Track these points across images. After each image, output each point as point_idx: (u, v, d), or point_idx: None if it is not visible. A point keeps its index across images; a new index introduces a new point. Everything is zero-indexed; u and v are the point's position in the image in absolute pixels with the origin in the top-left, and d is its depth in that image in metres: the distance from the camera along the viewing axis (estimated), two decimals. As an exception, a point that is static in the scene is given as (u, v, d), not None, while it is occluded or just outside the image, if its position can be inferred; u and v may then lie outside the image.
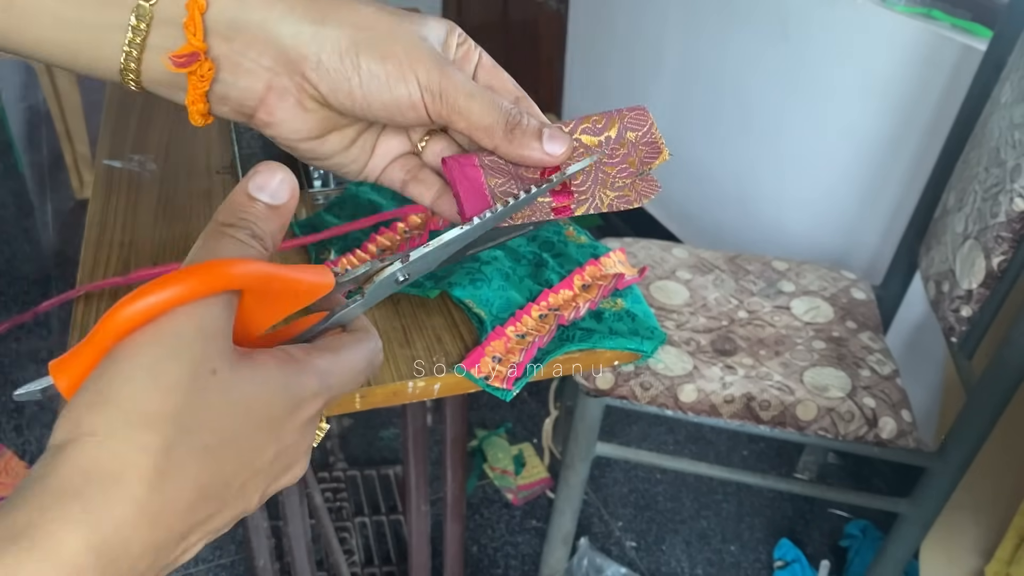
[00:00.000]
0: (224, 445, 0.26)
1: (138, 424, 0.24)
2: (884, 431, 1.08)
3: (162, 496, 0.24)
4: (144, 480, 0.24)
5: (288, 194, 0.31)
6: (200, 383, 0.25)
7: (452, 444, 0.83)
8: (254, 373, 0.27)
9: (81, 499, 0.23)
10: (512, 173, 0.40)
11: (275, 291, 0.30)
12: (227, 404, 0.26)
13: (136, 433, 0.24)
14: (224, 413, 0.26)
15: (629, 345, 0.70)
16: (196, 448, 0.25)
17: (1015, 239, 0.95)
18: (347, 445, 1.61)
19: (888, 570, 1.20)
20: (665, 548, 1.47)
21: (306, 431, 0.30)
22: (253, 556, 0.82)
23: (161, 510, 0.24)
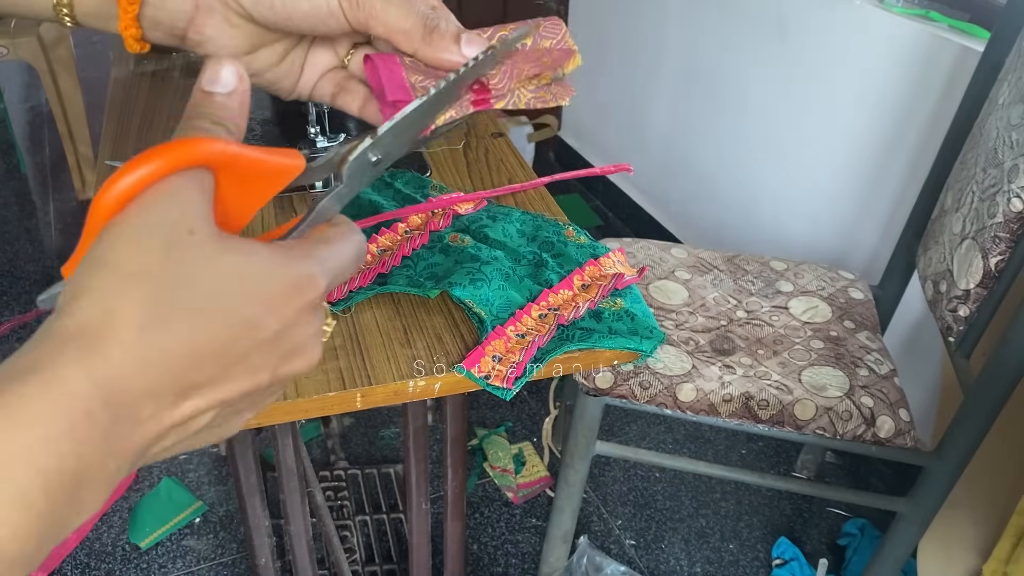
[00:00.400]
0: (213, 307, 0.27)
1: (124, 280, 0.26)
2: (882, 430, 1.09)
3: (151, 345, 0.25)
4: (133, 328, 0.25)
5: (236, 79, 0.32)
6: (178, 242, 0.27)
7: (452, 443, 0.84)
8: (243, 251, 0.28)
9: (78, 343, 0.25)
10: (432, 74, 0.42)
11: (246, 173, 0.30)
12: (212, 267, 0.27)
13: (124, 287, 0.26)
14: (209, 275, 0.27)
15: (628, 345, 0.70)
16: (181, 303, 0.26)
17: (1012, 239, 0.96)
18: (348, 444, 1.62)
19: (886, 569, 1.20)
20: (664, 546, 1.48)
21: (313, 315, 0.31)
22: (254, 554, 0.82)
23: (152, 358, 0.25)
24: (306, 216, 0.34)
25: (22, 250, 2.18)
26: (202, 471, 1.55)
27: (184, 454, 1.58)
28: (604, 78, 2.35)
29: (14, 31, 2.11)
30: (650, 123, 2.21)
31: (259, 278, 0.28)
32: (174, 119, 1.05)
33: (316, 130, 0.93)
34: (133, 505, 1.48)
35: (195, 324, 0.26)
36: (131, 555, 1.40)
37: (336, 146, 0.36)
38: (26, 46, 2.11)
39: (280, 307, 0.29)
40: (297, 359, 0.31)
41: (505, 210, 0.88)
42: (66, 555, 1.39)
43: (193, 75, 1.18)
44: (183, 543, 1.42)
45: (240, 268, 0.28)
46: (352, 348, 0.69)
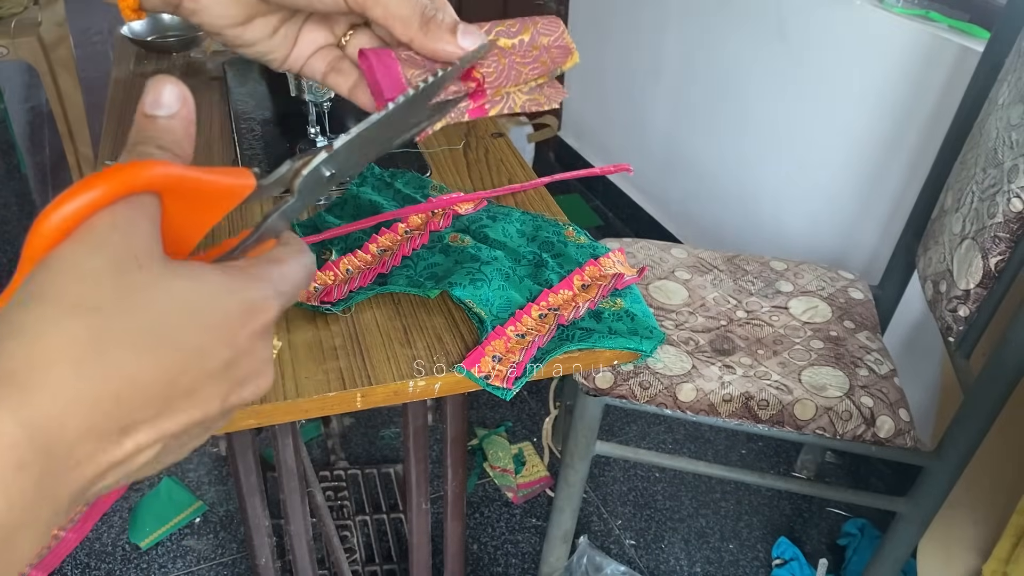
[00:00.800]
0: (161, 340, 0.25)
1: (64, 312, 0.24)
2: (882, 430, 1.09)
3: (92, 382, 0.24)
4: (73, 364, 0.24)
5: (179, 102, 0.31)
6: (124, 274, 0.25)
7: (452, 443, 0.84)
8: (193, 276, 0.27)
9: (13, 383, 0.23)
10: (428, 68, 0.41)
11: (193, 194, 0.29)
12: (159, 295, 0.26)
13: (63, 320, 0.24)
14: (157, 304, 0.26)
15: (628, 345, 0.70)
16: (126, 335, 0.25)
17: (1012, 239, 0.96)
18: (348, 444, 1.62)
19: (886, 568, 1.20)
20: (664, 546, 1.48)
21: (264, 339, 0.30)
22: (254, 554, 0.82)
23: (93, 395, 0.24)
24: (254, 232, 0.33)
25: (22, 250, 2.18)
26: (202, 471, 1.55)
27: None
28: (604, 78, 2.36)
29: (14, 31, 2.11)
30: (650, 123, 2.21)
31: (209, 305, 0.27)
32: (174, 119, 1.05)
33: (316, 130, 0.93)
34: (133, 505, 1.48)
35: (140, 356, 0.25)
36: (131, 555, 1.40)
37: (289, 161, 0.35)
38: (26, 46, 2.11)
39: (231, 334, 0.28)
40: (248, 386, 0.29)
41: (505, 210, 0.88)
42: (66, 555, 1.39)
43: (194, 75, 1.19)
44: (183, 543, 1.43)
45: (189, 295, 0.27)
46: (352, 348, 0.69)
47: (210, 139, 1.01)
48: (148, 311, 0.25)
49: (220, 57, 1.24)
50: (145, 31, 1.28)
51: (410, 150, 1.01)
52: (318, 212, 0.87)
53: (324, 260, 0.77)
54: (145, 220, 0.27)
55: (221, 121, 1.05)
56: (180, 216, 0.30)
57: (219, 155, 0.97)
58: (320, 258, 0.78)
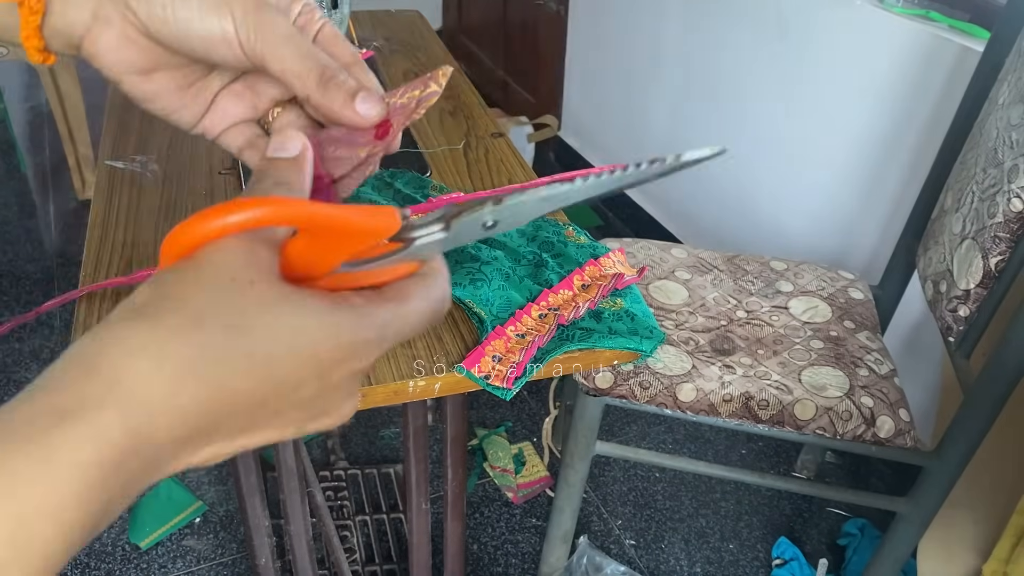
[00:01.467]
0: (259, 365, 0.27)
1: (173, 329, 0.26)
2: (882, 430, 1.09)
3: (190, 395, 0.25)
4: (175, 378, 0.25)
5: (300, 145, 0.34)
6: (235, 294, 0.27)
7: (452, 443, 0.84)
8: (303, 308, 0.28)
9: (120, 391, 0.25)
10: (351, 143, 0.40)
11: (329, 231, 0.30)
12: (266, 324, 0.27)
13: (171, 335, 0.26)
14: (262, 333, 0.27)
15: (628, 344, 0.70)
16: (227, 357, 0.26)
17: (1012, 239, 0.96)
18: (348, 444, 1.62)
19: (886, 568, 1.20)
20: (664, 546, 1.48)
21: (354, 380, 0.31)
22: (254, 554, 0.82)
23: (189, 408, 0.25)
24: (395, 252, 0.32)
25: (22, 250, 2.18)
26: (202, 471, 1.55)
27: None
28: (604, 78, 2.36)
29: (14, 31, 2.11)
30: (650, 123, 2.21)
31: (312, 340, 0.28)
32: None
33: None
34: (133, 505, 1.48)
35: (237, 377, 0.26)
36: (131, 555, 1.40)
37: (446, 207, 0.33)
38: (26, 46, 2.10)
39: (327, 371, 0.29)
40: (327, 417, 0.31)
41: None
42: (66, 555, 1.39)
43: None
44: (183, 543, 1.43)
45: (295, 325, 0.27)
46: (352, 348, 0.69)
47: (210, 141, 1.01)
48: (252, 335, 0.27)
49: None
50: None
51: (410, 150, 1.01)
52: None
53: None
54: (265, 248, 0.28)
55: (221, 121, 1.05)
56: (314, 249, 0.30)
57: (219, 155, 0.97)
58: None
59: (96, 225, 0.83)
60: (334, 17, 0.86)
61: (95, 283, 0.74)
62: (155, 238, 0.82)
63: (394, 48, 1.31)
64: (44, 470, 0.23)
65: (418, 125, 1.08)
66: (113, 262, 0.78)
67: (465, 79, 1.23)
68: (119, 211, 0.86)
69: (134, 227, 0.83)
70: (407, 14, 1.48)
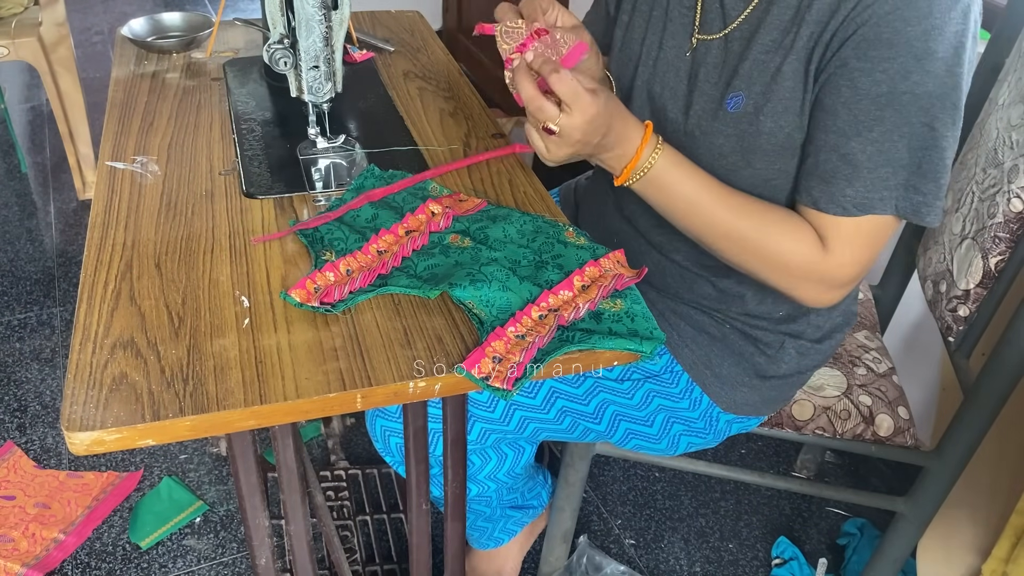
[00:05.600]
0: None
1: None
2: (881, 428, 1.09)
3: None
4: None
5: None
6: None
7: (452, 443, 0.84)
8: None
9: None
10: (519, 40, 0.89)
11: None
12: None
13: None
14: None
15: (628, 345, 0.70)
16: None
17: (1012, 239, 0.96)
18: (349, 444, 1.62)
19: (885, 568, 1.21)
20: (664, 546, 1.48)
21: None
22: (254, 554, 0.82)
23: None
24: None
25: (22, 250, 2.18)
26: (202, 471, 1.56)
27: (184, 454, 1.58)
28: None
29: (14, 31, 2.11)
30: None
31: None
32: (174, 119, 1.05)
33: (316, 130, 0.94)
34: (133, 505, 1.48)
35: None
36: (131, 555, 1.40)
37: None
38: (26, 46, 2.11)
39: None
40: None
41: (505, 211, 0.88)
42: (66, 556, 1.39)
43: (194, 75, 1.19)
44: (183, 543, 1.43)
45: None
46: (352, 349, 0.69)
47: (210, 140, 1.01)
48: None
49: (220, 57, 1.24)
50: (145, 31, 1.28)
51: (410, 150, 1.01)
52: (318, 212, 0.87)
53: (324, 261, 0.77)
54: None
55: (222, 121, 1.05)
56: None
57: (219, 156, 0.97)
58: (320, 259, 0.78)
59: (96, 225, 0.84)
60: (334, 17, 0.86)
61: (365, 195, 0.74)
62: (155, 238, 0.82)
63: (394, 48, 1.31)
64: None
65: (418, 125, 1.08)
66: (113, 262, 0.78)
67: (465, 79, 1.23)
68: (119, 212, 0.86)
69: (134, 228, 0.83)
70: (407, 14, 1.48)
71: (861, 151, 0.77)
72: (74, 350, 0.67)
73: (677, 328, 1.01)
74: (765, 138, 0.83)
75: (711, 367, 0.99)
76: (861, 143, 0.77)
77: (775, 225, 0.83)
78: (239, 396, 0.63)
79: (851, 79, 0.76)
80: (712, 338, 0.99)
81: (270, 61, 0.87)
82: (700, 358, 0.99)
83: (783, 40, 0.81)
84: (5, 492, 1.48)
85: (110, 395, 0.63)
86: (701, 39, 0.89)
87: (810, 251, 0.82)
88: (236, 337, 0.69)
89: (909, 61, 0.74)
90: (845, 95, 0.77)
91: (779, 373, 1.00)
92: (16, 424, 1.64)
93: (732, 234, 0.84)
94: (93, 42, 3.54)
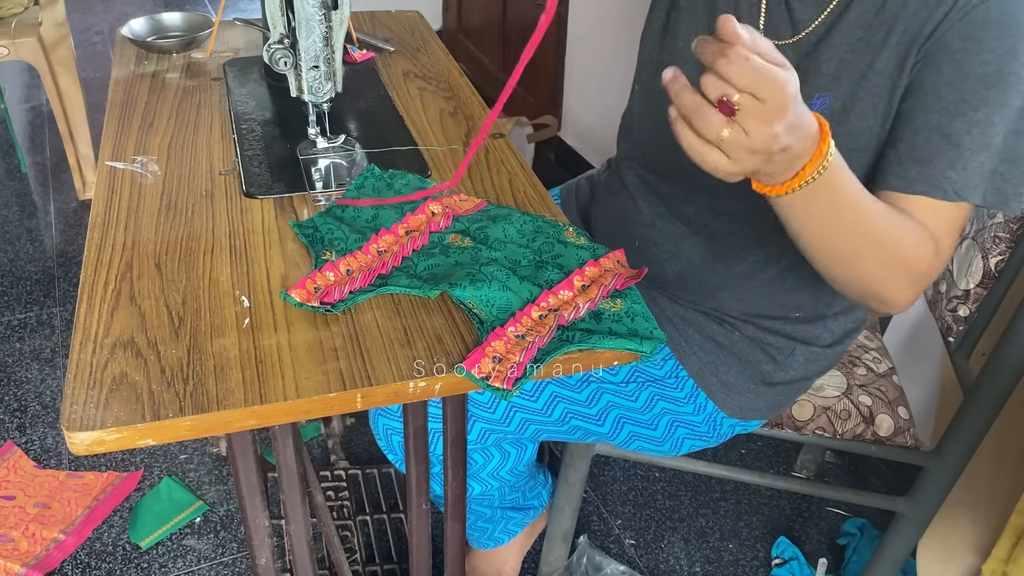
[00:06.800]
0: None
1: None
2: (881, 428, 1.09)
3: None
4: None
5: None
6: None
7: (452, 443, 0.84)
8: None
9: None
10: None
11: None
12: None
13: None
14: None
15: (628, 345, 0.70)
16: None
17: (1012, 239, 0.96)
18: (348, 444, 1.62)
19: (885, 568, 1.21)
20: (664, 546, 1.48)
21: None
22: (254, 554, 0.82)
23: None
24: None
25: (22, 250, 2.18)
26: (202, 471, 1.56)
27: (184, 454, 1.58)
28: (604, 78, 2.36)
29: (14, 31, 2.11)
30: (650, 123, 2.21)
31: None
32: (174, 119, 1.05)
33: (316, 130, 0.94)
34: (133, 505, 1.48)
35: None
36: (131, 555, 1.40)
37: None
38: (26, 46, 2.11)
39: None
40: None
41: (505, 211, 0.88)
42: (66, 556, 1.39)
43: (194, 75, 1.19)
44: (183, 543, 1.43)
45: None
46: (352, 349, 0.69)
47: (210, 140, 1.01)
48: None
49: (220, 57, 1.24)
50: (145, 31, 1.28)
51: (410, 150, 1.01)
52: (318, 212, 0.87)
53: (324, 260, 0.77)
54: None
55: (222, 121, 1.06)
56: None
57: (219, 156, 0.97)
58: (320, 258, 0.78)
59: (96, 225, 0.84)
60: (334, 17, 0.86)
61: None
62: (155, 238, 0.82)
63: (394, 48, 1.31)
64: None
65: (418, 125, 1.08)
66: (113, 262, 0.78)
67: (465, 79, 1.23)
68: (119, 212, 0.86)
69: (134, 228, 0.83)
70: (407, 14, 1.48)
71: (966, 132, 0.75)
72: (74, 350, 0.67)
73: (684, 334, 1.00)
74: (854, 138, 0.81)
75: (717, 374, 0.99)
76: (966, 123, 0.75)
77: (897, 219, 0.75)
78: (239, 396, 0.63)
79: (954, 59, 0.75)
80: (719, 345, 0.99)
81: (270, 61, 0.87)
82: (707, 365, 0.99)
83: (871, 38, 0.79)
84: (5, 492, 1.48)
85: (110, 395, 0.63)
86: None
87: (928, 248, 0.76)
88: (236, 337, 0.69)
89: (1019, 42, 0.73)
90: (948, 74, 0.75)
91: (785, 379, 1.00)
92: (16, 424, 1.64)
93: (880, 238, 0.74)
94: (93, 42, 3.54)
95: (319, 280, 0.74)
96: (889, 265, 0.75)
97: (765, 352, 0.98)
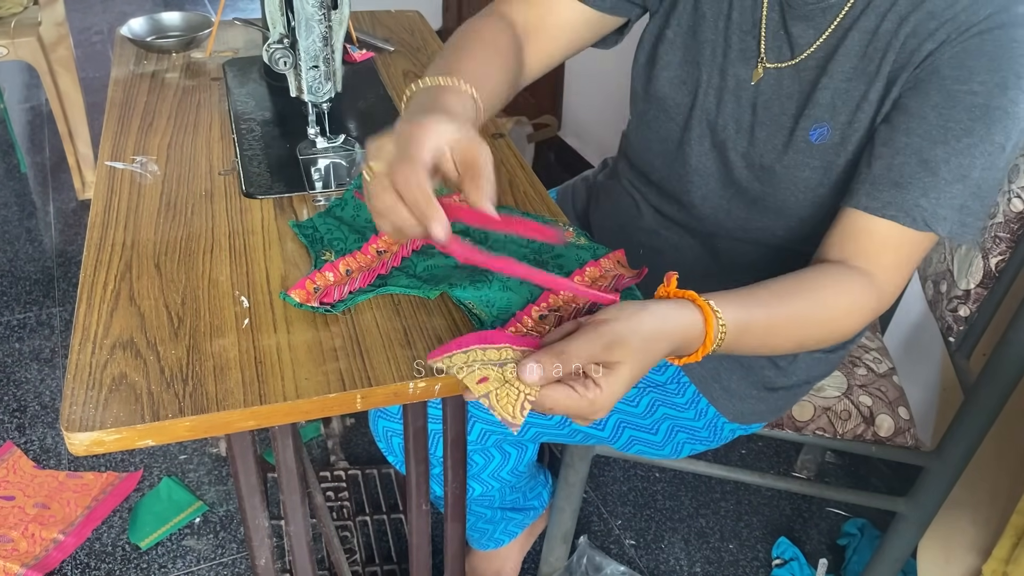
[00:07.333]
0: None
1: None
2: (881, 428, 1.09)
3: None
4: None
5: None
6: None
7: (452, 443, 0.84)
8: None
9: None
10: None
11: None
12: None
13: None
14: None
15: (628, 345, 0.70)
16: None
17: (1012, 239, 0.96)
18: (348, 444, 1.62)
19: (886, 568, 1.20)
20: (664, 546, 1.48)
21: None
22: (254, 554, 0.82)
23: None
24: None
25: (22, 250, 2.18)
26: (202, 471, 1.56)
27: (184, 454, 1.58)
28: (604, 78, 2.36)
29: (14, 31, 2.11)
30: (650, 123, 2.20)
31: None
32: (174, 119, 1.05)
33: (316, 130, 0.93)
34: (133, 505, 1.48)
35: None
36: (131, 555, 1.40)
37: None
38: (26, 46, 2.11)
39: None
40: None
41: (505, 211, 0.88)
42: (65, 557, 1.39)
43: (194, 75, 1.19)
44: (183, 543, 1.43)
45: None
46: (352, 349, 0.69)
47: (210, 140, 1.01)
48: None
49: (220, 57, 1.24)
50: (145, 31, 1.28)
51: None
52: (318, 212, 0.87)
53: (324, 261, 0.77)
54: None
55: (221, 121, 1.05)
56: None
57: (219, 156, 0.97)
58: (319, 259, 0.78)
59: (96, 225, 0.83)
60: (334, 17, 0.86)
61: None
62: (155, 238, 0.82)
63: (394, 48, 1.31)
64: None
65: (418, 125, 1.08)
66: (113, 262, 0.78)
67: (465, 79, 1.23)
68: (119, 212, 0.86)
69: (134, 228, 0.83)
70: (407, 14, 1.48)
71: (944, 160, 0.74)
72: (74, 350, 0.67)
73: None
74: (852, 167, 0.80)
75: (719, 380, 0.99)
76: (946, 152, 0.74)
77: (820, 300, 0.75)
78: (239, 396, 0.63)
79: (944, 86, 0.74)
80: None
81: (270, 61, 0.87)
82: (709, 371, 0.99)
83: (865, 67, 0.79)
84: (4, 492, 1.48)
85: (110, 395, 0.63)
86: (770, 68, 0.85)
87: (866, 301, 0.77)
88: (236, 337, 0.69)
89: (1010, 77, 0.72)
90: (935, 100, 0.74)
91: (787, 384, 1.00)
92: (16, 424, 1.64)
93: (812, 325, 0.76)
94: (93, 42, 3.54)
95: (319, 280, 0.74)
96: (832, 333, 0.77)
97: (767, 358, 0.98)
